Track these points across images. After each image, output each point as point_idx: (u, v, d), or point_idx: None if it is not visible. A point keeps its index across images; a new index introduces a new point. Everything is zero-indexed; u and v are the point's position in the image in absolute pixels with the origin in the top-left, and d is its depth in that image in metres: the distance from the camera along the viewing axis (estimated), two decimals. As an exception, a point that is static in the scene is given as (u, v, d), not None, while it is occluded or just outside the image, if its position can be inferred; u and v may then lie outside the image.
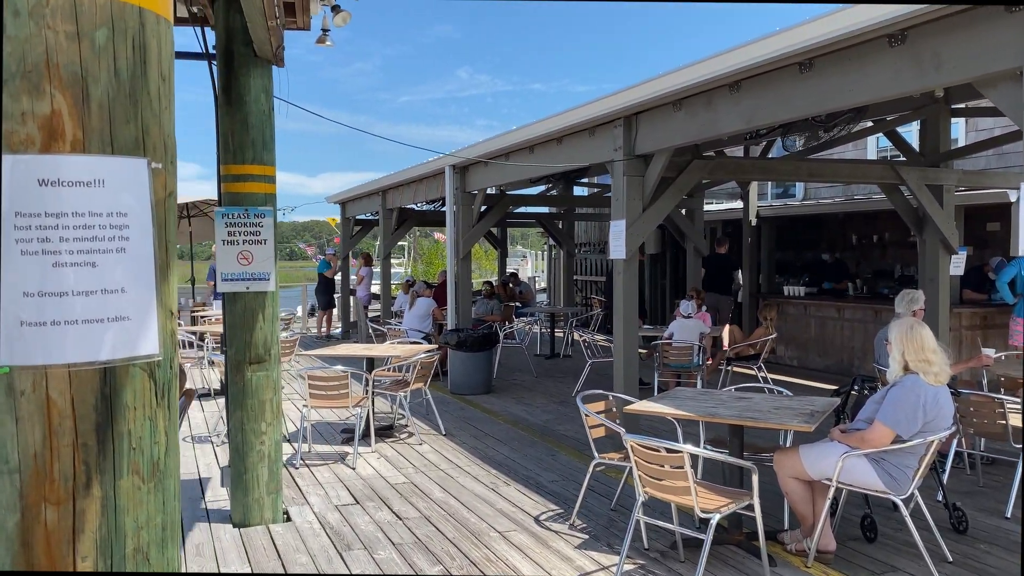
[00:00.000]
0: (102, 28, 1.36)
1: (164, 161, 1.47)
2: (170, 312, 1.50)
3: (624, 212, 6.92)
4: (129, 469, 1.41)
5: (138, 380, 1.43)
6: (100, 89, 1.36)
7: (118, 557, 1.40)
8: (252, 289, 5.22)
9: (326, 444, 7.58)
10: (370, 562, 4.69)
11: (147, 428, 1.44)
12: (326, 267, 16.24)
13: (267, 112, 5.25)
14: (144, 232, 1.41)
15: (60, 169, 1.33)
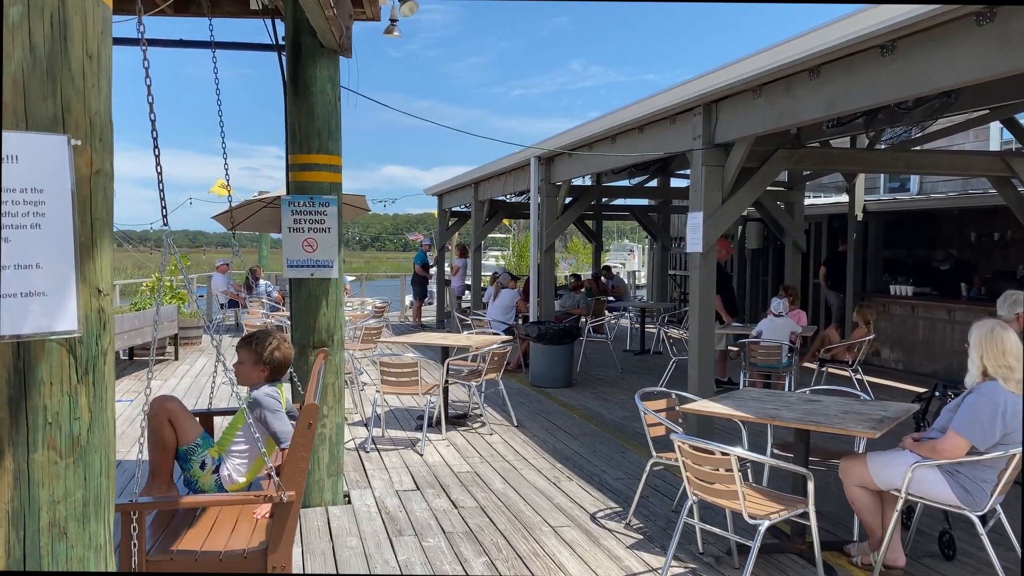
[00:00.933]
0: (16, 5, 1.37)
1: (90, 138, 1.48)
2: (97, 290, 1.51)
3: (702, 204, 6.67)
4: (44, 443, 1.43)
5: (55, 355, 1.44)
6: (14, 65, 1.37)
7: (31, 530, 1.42)
8: (316, 276, 5.33)
9: (400, 430, 7.68)
10: (417, 549, 4.71)
11: (65, 404, 1.46)
12: (422, 258, 16.50)
13: (333, 102, 5.33)
14: (62, 209, 1.42)
15: (-28, 144, 1.36)
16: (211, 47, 4.71)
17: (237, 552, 3.14)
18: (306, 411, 3.18)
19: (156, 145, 2.75)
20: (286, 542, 3.10)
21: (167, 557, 3.06)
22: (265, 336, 3.94)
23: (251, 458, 3.84)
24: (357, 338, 9.88)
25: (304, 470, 3.17)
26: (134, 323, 10.66)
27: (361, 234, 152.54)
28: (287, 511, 3.09)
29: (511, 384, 10.16)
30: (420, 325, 16.08)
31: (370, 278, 34.24)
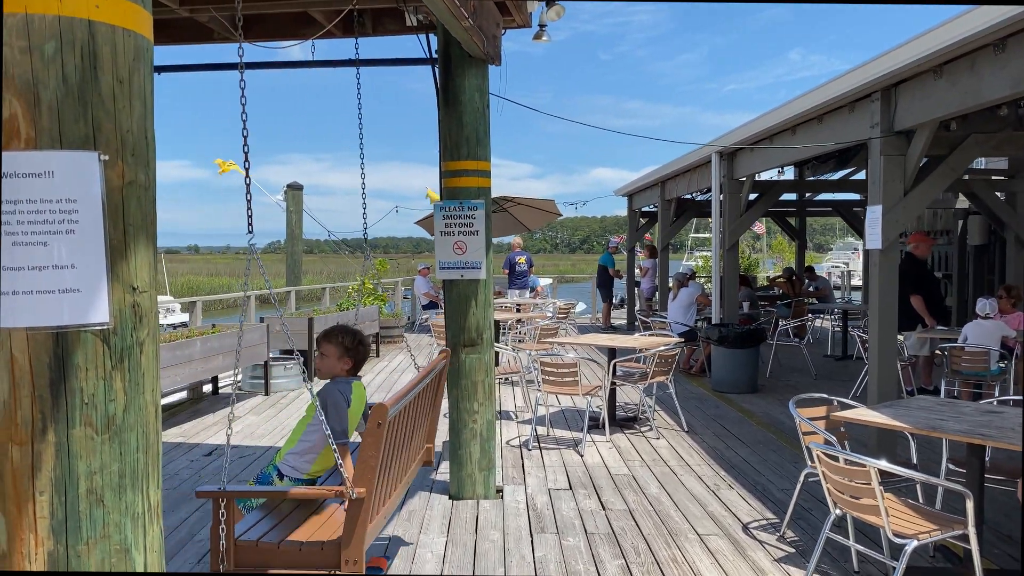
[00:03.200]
0: (50, 41, 1.59)
1: (122, 153, 1.68)
2: (131, 287, 1.71)
3: (880, 197, 6.16)
4: (82, 421, 1.64)
5: (90, 345, 1.65)
6: (49, 94, 1.60)
7: (72, 496, 1.64)
8: (465, 277, 5.53)
9: (567, 430, 7.75)
10: (555, 547, 4.75)
11: (100, 387, 1.66)
12: (609, 260, 16.47)
13: (481, 109, 5.51)
14: (94, 216, 1.63)
15: (16, 163, 1.59)
16: (355, 64, 5.05)
17: (316, 544, 3.28)
18: (375, 411, 3.22)
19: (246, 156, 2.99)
20: (358, 537, 3.19)
21: (253, 543, 3.27)
22: (350, 330, 4.06)
23: (318, 451, 3.94)
24: (533, 338, 10.07)
25: (373, 469, 3.21)
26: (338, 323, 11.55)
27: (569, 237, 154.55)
28: (358, 508, 3.19)
29: (692, 388, 9.90)
30: (610, 327, 16.07)
31: (573, 280, 34.66)
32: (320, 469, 4.01)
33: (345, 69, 6.12)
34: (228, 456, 3.37)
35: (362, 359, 4.05)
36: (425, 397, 4.30)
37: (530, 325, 11.35)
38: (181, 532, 5.05)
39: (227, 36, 5.86)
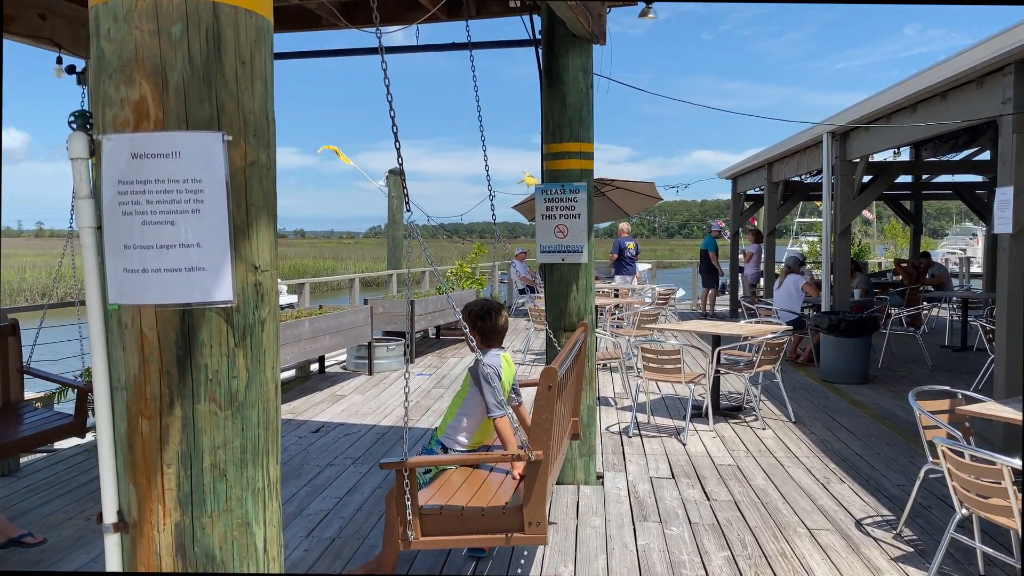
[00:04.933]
0: (177, 24, 1.62)
1: (244, 134, 1.70)
2: (253, 266, 1.73)
3: (1012, 177, 5.75)
4: (206, 396, 1.68)
5: (214, 322, 1.68)
6: (176, 75, 1.62)
7: (197, 469, 1.68)
8: (567, 261, 5.48)
9: (668, 418, 7.62)
10: (658, 535, 4.66)
11: (224, 364, 1.69)
12: (711, 244, 16.07)
13: (584, 90, 5.42)
14: (218, 196, 1.65)
15: (146, 144, 1.63)
16: (467, 47, 5.04)
17: (497, 508, 3.40)
18: (545, 373, 3.34)
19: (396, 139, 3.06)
20: (537, 498, 3.31)
21: (437, 511, 3.40)
22: (476, 304, 4.17)
23: (476, 424, 4.06)
24: (633, 324, 9.93)
25: (548, 431, 3.32)
26: (437, 305, 11.71)
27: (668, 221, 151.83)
28: (536, 469, 3.30)
29: (798, 378, 9.57)
30: (712, 314, 15.71)
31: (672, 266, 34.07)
32: (480, 440, 4.13)
33: (439, 54, 6.15)
34: (407, 429, 3.46)
35: (490, 332, 4.11)
36: (572, 369, 4.36)
37: (629, 311, 11.21)
38: (291, 506, 5.21)
39: (335, 23, 5.96)
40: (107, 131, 1.65)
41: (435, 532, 3.36)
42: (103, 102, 1.66)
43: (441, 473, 3.94)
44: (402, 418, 7.55)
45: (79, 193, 1.71)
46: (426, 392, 8.86)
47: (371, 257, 53.89)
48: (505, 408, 3.85)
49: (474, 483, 3.80)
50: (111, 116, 1.64)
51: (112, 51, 1.63)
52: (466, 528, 3.38)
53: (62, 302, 6.73)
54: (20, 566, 4.15)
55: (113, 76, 1.63)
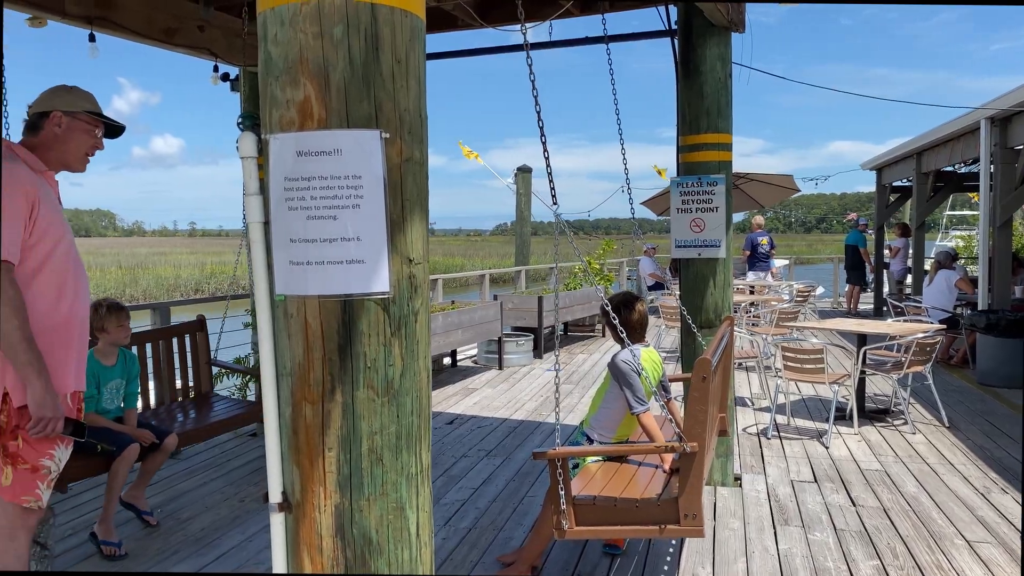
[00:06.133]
0: (339, 25, 1.68)
1: (400, 131, 1.75)
2: (408, 259, 1.78)
3: None
4: (365, 384, 1.74)
5: (372, 312, 1.74)
6: (337, 75, 1.69)
7: (355, 454, 1.74)
8: (703, 256, 5.35)
9: (808, 420, 7.32)
10: (801, 540, 4.49)
11: (381, 352, 1.75)
12: (859, 239, 15.27)
13: (722, 80, 5.28)
14: (376, 191, 1.71)
15: (310, 142, 1.71)
16: (603, 41, 5.01)
17: (651, 500, 3.40)
18: (698, 364, 3.31)
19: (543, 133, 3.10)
20: (693, 490, 3.29)
21: (590, 501, 3.43)
22: (615, 297, 4.15)
23: (619, 417, 4.05)
24: (770, 322, 9.61)
25: (703, 423, 3.29)
26: (565, 301, 11.73)
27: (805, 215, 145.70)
28: (691, 461, 3.28)
29: (952, 381, 8.98)
30: (855, 312, 14.98)
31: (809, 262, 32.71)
32: (625, 433, 4.14)
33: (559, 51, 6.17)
34: (558, 420, 3.54)
35: (628, 327, 4.08)
36: (720, 363, 4.34)
37: (765, 308, 10.85)
38: (428, 495, 5.34)
39: (470, 23, 6.06)
40: (274, 131, 1.74)
41: (588, 522, 3.39)
42: (270, 103, 1.75)
43: (588, 466, 3.97)
44: (533, 412, 7.65)
45: (248, 190, 1.81)
46: (554, 388, 8.88)
47: (498, 254, 54.64)
48: (646, 403, 3.87)
49: (623, 476, 3.81)
50: (277, 116, 1.73)
51: (279, 54, 1.71)
52: (619, 519, 3.39)
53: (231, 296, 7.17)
54: (182, 544, 4.46)
55: (279, 78, 1.72)
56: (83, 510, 4.96)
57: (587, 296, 12.35)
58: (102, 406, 4.36)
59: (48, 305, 2.84)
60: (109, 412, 4.42)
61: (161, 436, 4.45)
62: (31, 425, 2.73)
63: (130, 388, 4.54)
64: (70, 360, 2.93)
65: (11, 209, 2.73)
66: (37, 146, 2.98)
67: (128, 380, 4.52)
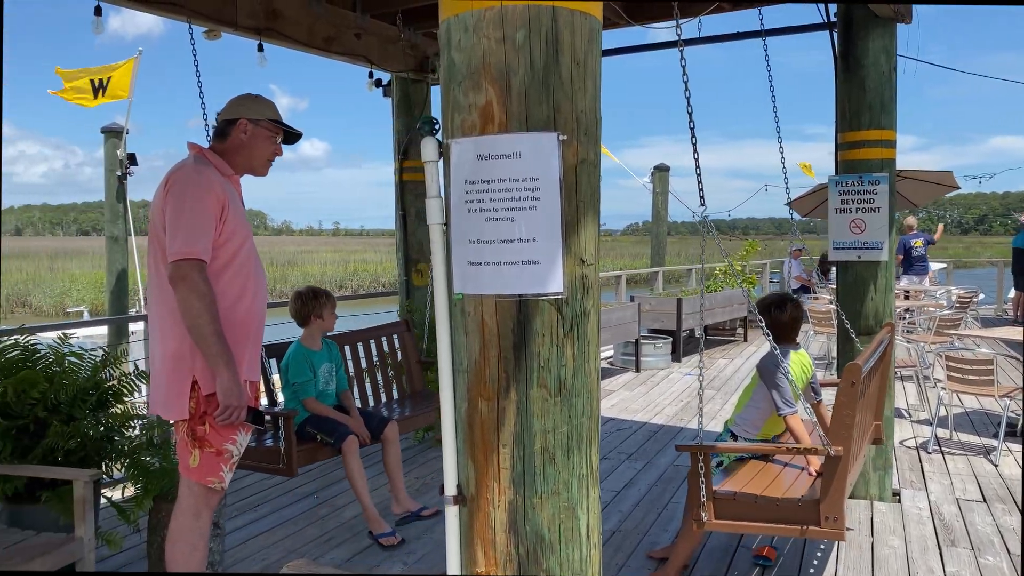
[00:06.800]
0: (520, 30, 1.71)
1: (576, 133, 1.76)
2: (580, 260, 1.79)
3: None
4: (538, 383, 1.76)
5: (546, 312, 1.76)
6: (518, 79, 1.72)
7: (528, 451, 1.77)
8: (863, 258, 5.10)
9: (973, 435, 6.83)
10: (970, 564, 4.20)
11: (554, 352, 1.77)
12: (1024, 241, 14.12)
13: (886, 74, 5.01)
14: (552, 193, 1.73)
15: (491, 146, 1.74)
16: (762, 35, 4.87)
17: (792, 500, 3.37)
18: (848, 370, 3.29)
19: (693, 134, 3.06)
20: (836, 494, 3.24)
21: (731, 496, 3.45)
22: (767, 299, 4.09)
23: (765, 417, 4.01)
24: (929, 329, 9.03)
25: (850, 427, 3.24)
26: (706, 304, 11.48)
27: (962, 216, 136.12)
28: (835, 465, 3.23)
29: None
30: (1022, 321, 13.86)
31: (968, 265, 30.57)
32: (770, 432, 4.11)
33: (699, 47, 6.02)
34: (701, 414, 3.56)
35: (779, 328, 3.99)
36: (876, 370, 4.19)
37: (922, 315, 10.21)
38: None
39: (617, 22, 6.03)
40: (455, 135, 1.80)
41: (728, 516, 3.40)
42: (452, 108, 1.80)
43: (732, 463, 3.94)
44: (673, 417, 7.52)
45: (430, 193, 1.87)
46: (695, 392, 8.71)
47: (630, 254, 54.09)
48: (794, 406, 3.81)
49: (766, 475, 3.77)
50: (459, 121, 1.78)
51: (462, 60, 1.76)
52: (759, 516, 3.38)
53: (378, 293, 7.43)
54: (336, 531, 4.66)
55: (462, 83, 1.77)
56: (245, 493, 5.28)
57: (728, 299, 12.04)
58: (320, 388, 4.60)
59: (231, 301, 3.04)
60: (327, 395, 4.65)
61: (379, 427, 4.62)
62: (218, 412, 2.93)
63: (339, 373, 4.78)
64: (245, 353, 3.12)
65: (204, 211, 2.94)
66: (225, 151, 3.20)
67: (336, 365, 4.76)
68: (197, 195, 2.95)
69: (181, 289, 2.87)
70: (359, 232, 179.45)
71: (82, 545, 3.36)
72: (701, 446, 3.39)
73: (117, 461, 4.04)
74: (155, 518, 3.88)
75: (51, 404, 3.83)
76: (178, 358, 2.99)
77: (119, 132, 10.78)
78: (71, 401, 3.91)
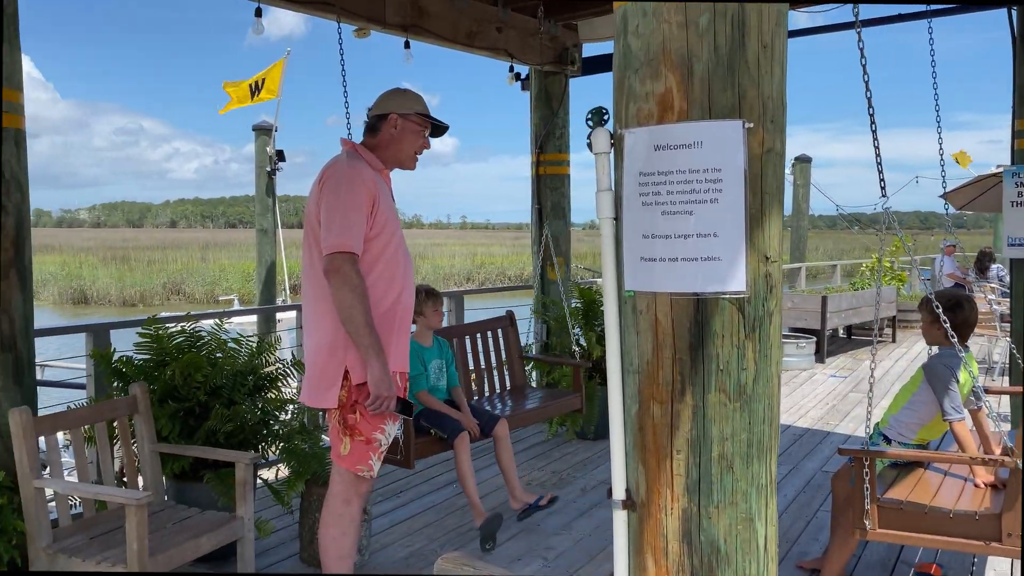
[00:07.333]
0: (704, 14, 1.61)
1: (762, 120, 1.65)
2: (764, 256, 1.68)
3: None
4: (716, 386, 1.67)
5: (726, 312, 1.66)
6: (701, 65, 1.62)
7: (704, 458, 1.68)
8: (1044, 256, 4.67)
9: None
10: None
11: (734, 355, 1.67)
12: None
13: (1076, 52, 4.56)
14: (736, 185, 1.62)
15: (669, 136, 1.65)
16: (927, 17, 4.53)
17: (967, 513, 3.16)
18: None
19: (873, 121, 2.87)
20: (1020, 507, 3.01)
21: (896, 505, 3.25)
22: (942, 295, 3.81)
23: (924, 421, 3.74)
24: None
25: None
26: (852, 303, 10.91)
27: None
28: (1019, 477, 2.99)
29: None
30: None
31: None
32: (926, 437, 3.88)
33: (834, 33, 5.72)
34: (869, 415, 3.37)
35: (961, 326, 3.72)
36: None
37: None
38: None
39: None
40: (629, 125, 1.72)
41: (893, 526, 3.21)
42: (627, 96, 1.73)
43: (884, 470, 3.72)
44: (819, 420, 7.17)
45: (600, 186, 1.81)
46: (841, 396, 8.29)
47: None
48: (962, 412, 3.58)
49: (928, 485, 3.53)
50: (635, 110, 1.71)
51: (639, 46, 1.69)
52: (929, 528, 3.17)
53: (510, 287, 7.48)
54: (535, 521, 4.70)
55: (639, 71, 1.69)
56: (387, 479, 5.42)
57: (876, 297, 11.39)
58: (431, 383, 4.68)
59: (381, 293, 3.09)
60: (438, 389, 4.73)
61: (490, 424, 4.67)
62: (369, 402, 2.98)
63: (451, 370, 4.85)
64: (395, 343, 3.17)
65: (356, 205, 3.00)
66: (376, 146, 3.25)
67: (447, 362, 4.82)
68: (350, 190, 3.01)
69: (334, 281, 2.94)
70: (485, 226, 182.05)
71: (243, 525, 3.52)
72: (867, 451, 3.19)
73: (272, 445, 4.21)
74: (306, 501, 4.02)
75: (211, 388, 4.03)
76: (331, 348, 3.06)
77: (269, 130, 11.33)
78: (231, 385, 4.10)
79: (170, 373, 3.97)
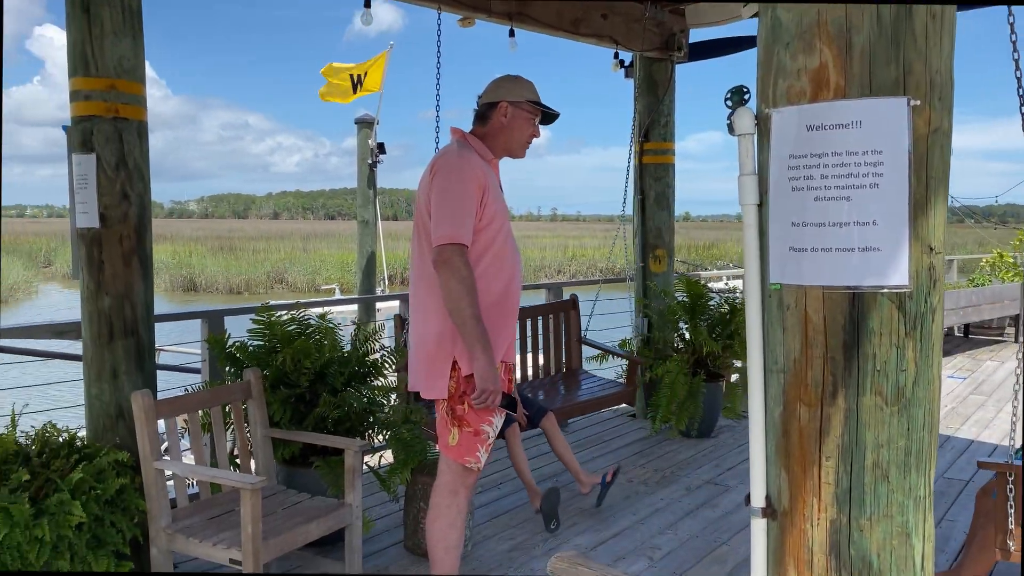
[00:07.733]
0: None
1: (929, 97, 1.49)
2: (928, 247, 1.53)
3: None
4: (872, 389, 1.53)
5: (885, 308, 1.52)
6: (862, 38, 1.48)
7: (857, 466, 1.54)
8: None
9: None
10: None
11: (893, 355, 1.52)
12: None
13: None
14: (899, 168, 1.48)
15: (824, 115, 1.52)
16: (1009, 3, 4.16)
17: None
18: None
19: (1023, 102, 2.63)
20: None
21: None
22: None
23: None
24: None
25: None
26: (971, 300, 10.30)
27: None
28: None
29: None
30: None
31: None
32: None
33: None
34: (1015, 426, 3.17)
35: None
36: None
37: None
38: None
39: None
40: (777, 104, 1.60)
41: None
42: (775, 73, 1.60)
43: None
44: (962, 426, 6.76)
45: (744, 169, 1.69)
46: (961, 398, 7.81)
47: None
48: None
49: None
50: (784, 87, 1.58)
51: (790, 19, 1.56)
52: None
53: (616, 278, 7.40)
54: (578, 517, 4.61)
55: (790, 45, 1.56)
56: (487, 470, 5.39)
57: (996, 294, 10.72)
58: None
59: (489, 284, 3.04)
60: None
61: (537, 416, 4.64)
62: (475, 396, 2.94)
63: None
64: (502, 335, 3.11)
65: (466, 195, 2.95)
66: (485, 135, 3.19)
67: None
68: (460, 180, 2.96)
69: (443, 272, 2.90)
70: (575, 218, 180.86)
71: (351, 512, 3.54)
72: (1011, 465, 2.95)
73: (379, 433, 4.23)
74: (411, 489, 4.02)
75: (316, 374, 4.08)
76: (440, 339, 3.03)
77: (371, 123, 11.49)
78: (336, 373, 4.14)
79: (281, 359, 4.03)
